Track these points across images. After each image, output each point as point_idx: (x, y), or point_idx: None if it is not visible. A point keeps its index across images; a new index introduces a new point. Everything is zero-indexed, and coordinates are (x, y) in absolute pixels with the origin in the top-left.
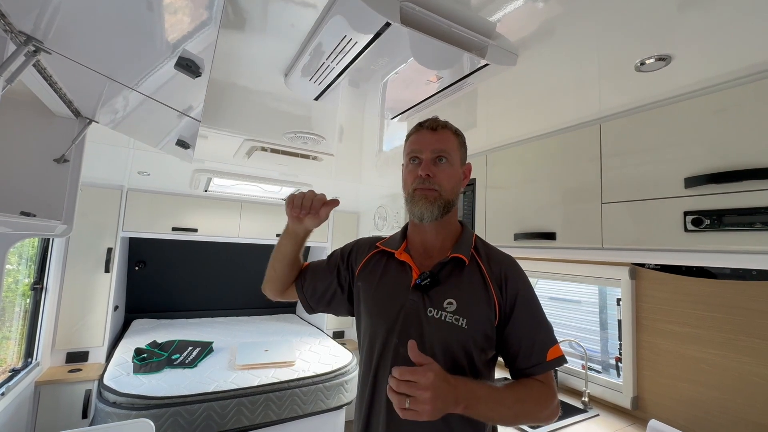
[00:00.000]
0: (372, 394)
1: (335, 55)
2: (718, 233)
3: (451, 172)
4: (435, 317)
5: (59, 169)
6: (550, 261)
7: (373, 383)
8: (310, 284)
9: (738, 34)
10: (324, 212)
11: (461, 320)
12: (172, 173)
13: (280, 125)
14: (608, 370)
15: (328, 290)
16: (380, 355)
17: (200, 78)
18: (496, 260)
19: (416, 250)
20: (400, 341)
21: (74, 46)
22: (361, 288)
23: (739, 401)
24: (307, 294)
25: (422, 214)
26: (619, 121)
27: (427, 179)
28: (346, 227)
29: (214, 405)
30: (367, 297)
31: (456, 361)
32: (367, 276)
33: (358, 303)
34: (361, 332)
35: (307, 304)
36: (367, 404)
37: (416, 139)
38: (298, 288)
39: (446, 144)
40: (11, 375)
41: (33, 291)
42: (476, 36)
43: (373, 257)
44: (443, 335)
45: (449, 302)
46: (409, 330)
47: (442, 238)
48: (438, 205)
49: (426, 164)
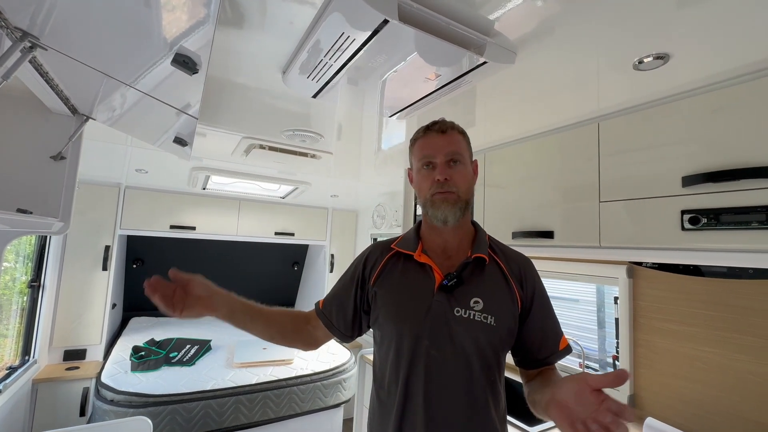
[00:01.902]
0: (404, 398)
1: (333, 52)
2: (715, 232)
3: (465, 173)
4: (463, 317)
5: (56, 167)
6: (548, 260)
7: (405, 388)
8: (341, 319)
9: (735, 33)
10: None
11: (489, 318)
12: (170, 171)
13: (279, 123)
14: (605, 369)
15: (353, 315)
16: (411, 360)
17: (197, 75)
18: (513, 258)
19: (434, 252)
20: (432, 344)
21: (71, 43)
22: (379, 294)
23: (735, 399)
24: (342, 328)
25: (446, 217)
26: (617, 120)
27: (446, 183)
28: (344, 225)
29: (212, 403)
30: (388, 302)
31: (485, 359)
32: (385, 281)
33: (376, 309)
34: (382, 339)
35: (346, 336)
36: (398, 410)
37: (426, 143)
38: (329, 328)
39: (457, 145)
40: (8, 373)
41: (30, 289)
42: (475, 34)
43: (389, 261)
44: (473, 334)
45: (476, 301)
46: (438, 332)
47: (459, 239)
48: (459, 206)
49: (442, 168)
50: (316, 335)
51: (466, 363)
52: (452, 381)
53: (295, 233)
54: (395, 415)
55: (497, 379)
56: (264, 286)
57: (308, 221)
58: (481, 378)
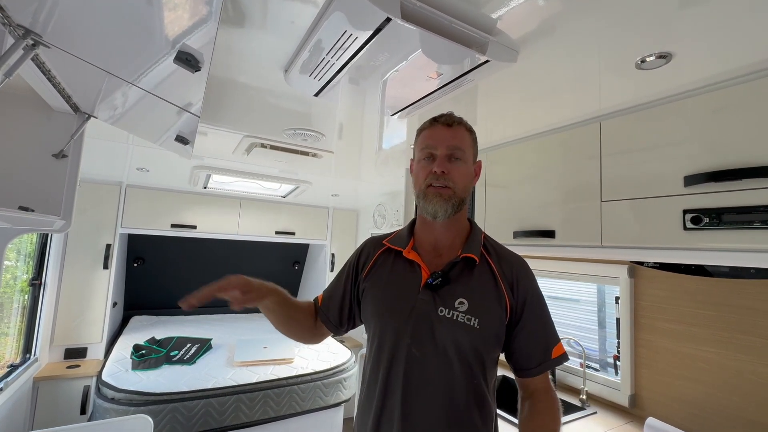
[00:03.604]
0: (384, 396)
1: (335, 51)
2: (717, 231)
3: (464, 170)
4: (446, 317)
5: (58, 165)
6: (549, 259)
7: (385, 384)
8: (335, 313)
9: (739, 32)
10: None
11: (473, 320)
12: (171, 170)
13: (280, 122)
14: (606, 369)
15: (345, 308)
16: (392, 356)
17: (200, 73)
18: (506, 260)
19: (425, 249)
20: (413, 342)
21: (73, 40)
22: (368, 289)
23: (736, 399)
24: (335, 322)
25: (436, 211)
26: (620, 119)
27: (442, 176)
28: (345, 225)
29: (213, 401)
30: (375, 298)
31: (467, 361)
32: (374, 276)
33: (366, 304)
34: (369, 334)
35: (339, 329)
36: (378, 405)
37: (431, 134)
38: (326, 324)
39: (461, 141)
40: (9, 371)
41: (31, 287)
42: (477, 32)
43: (381, 257)
44: (455, 335)
45: (460, 302)
46: (421, 331)
47: (452, 236)
48: (452, 203)
49: (441, 161)
50: (323, 330)
51: (446, 363)
52: (432, 380)
53: (296, 232)
54: (374, 411)
55: (481, 381)
56: None
57: (309, 221)
58: (462, 379)
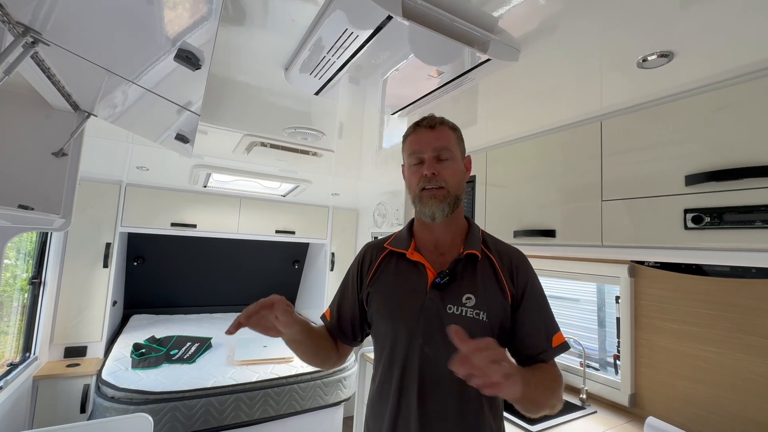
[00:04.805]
0: (399, 396)
1: (336, 49)
2: (718, 231)
3: (454, 168)
4: (456, 313)
5: (57, 163)
6: (550, 258)
7: (399, 384)
8: (347, 326)
9: (740, 31)
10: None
11: (481, 314)
12: (171, 168)
13: (280, 120)
14: (606, 368)
15: (357, 319)
16: (405, 358)
17: (200, 71)
18: (505, 252)
19: (427, 248)
20: (425, 341)
21: (73, 38)
22: (374, 293)
23: (736, 399)
24: (351, 335)
25: (433, 213)
26: (620, 119)
27: (433, 178)
28: (345, 224)
29: (213, 400)
30: (382, 301)
31: None
32: (380, 280)
33: (373, 308)
34: (378, 337)
35: (356, 342)
36: (393, 405)
37: (415, 139)
38: (341, 339)
39: (446, 141)
40: (9, 369)
41: (31, 286)
42: (478, 30)
43: (383, 260)
44: (465, 331)
45: (468, 297)
46: (432, 330)
47: (452, 235)
48: (448, 202)
49: (429, 163)
50: (345, 348)
51: None
52: (445, 378)
53: (296, 231)
54: (390, 412)
55: None
56: (265, 284)
57: (309, 219)
58: None
